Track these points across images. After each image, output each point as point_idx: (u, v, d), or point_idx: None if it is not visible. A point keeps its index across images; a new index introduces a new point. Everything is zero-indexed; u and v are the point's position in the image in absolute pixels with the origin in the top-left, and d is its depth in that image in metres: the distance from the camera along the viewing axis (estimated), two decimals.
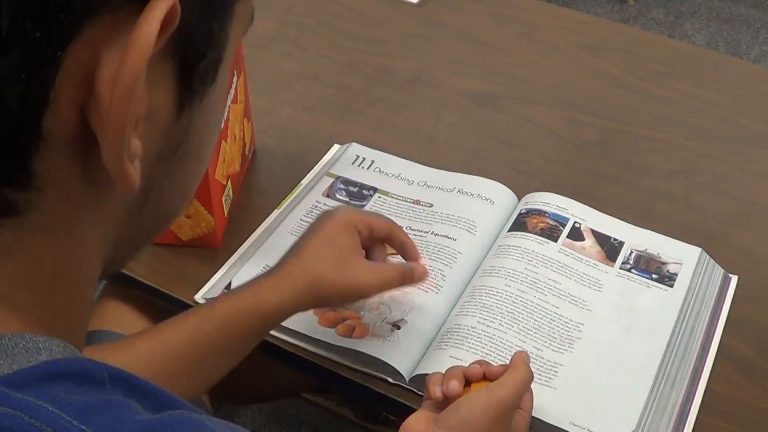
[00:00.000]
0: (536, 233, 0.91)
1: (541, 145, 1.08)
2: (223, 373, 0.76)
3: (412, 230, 0.93)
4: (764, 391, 0.80)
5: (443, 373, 0.73)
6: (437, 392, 0.71)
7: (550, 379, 0.79)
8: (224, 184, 0.92)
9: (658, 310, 0.86)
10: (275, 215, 0.96)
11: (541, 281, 0.87)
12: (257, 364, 0.79)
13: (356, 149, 1.04)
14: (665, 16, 2.79)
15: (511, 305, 0.84)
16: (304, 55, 1.23)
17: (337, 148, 1.05)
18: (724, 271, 0.90)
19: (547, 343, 0.82)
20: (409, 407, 0.78)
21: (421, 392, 0.78)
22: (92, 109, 0.33)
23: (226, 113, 0.89)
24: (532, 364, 0.75)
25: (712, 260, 0.91)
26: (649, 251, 0.92)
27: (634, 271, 0.90)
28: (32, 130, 0.32)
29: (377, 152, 1.04)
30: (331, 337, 0.81)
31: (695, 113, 1.13)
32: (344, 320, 0.83)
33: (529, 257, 0.89)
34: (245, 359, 0.76)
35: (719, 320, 0.86)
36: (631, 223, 0.95)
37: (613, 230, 0.94)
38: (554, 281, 0.87)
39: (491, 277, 0.87)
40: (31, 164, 0.33)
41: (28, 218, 0.34)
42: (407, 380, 0.79)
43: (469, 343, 0.80)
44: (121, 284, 0.92)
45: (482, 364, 0.74)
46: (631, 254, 0.91)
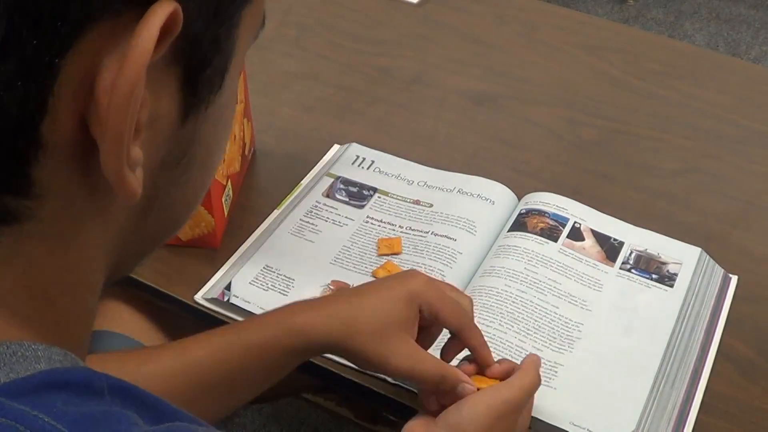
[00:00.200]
0: (536, 233, 0.91)
1: (541, 145, 1.08)
2: (247, 398, 0.73)
3: (412, 230, 0.93)
4: (764, 391, 0.80)
5: None
6: (433, 406, 0.70)
7: (550, 379, 0.79)
8: (224, 184, 0.91)
9: (658, 310, 0.86)
10: (275, 215, 0.96)
11: (541, 281, 0.87)
12: None
13: (356, 149, 1.04)
14: (665, 16, 2.79)
15: (511, 305, 0.84)
16: (304, 55, 1.23)
17: (337, 148, 1.05)
18: (724, 271, 0.90)
19: (547, 343, 0.82)
20: (409, 407, 0.78)
21: None
22: (92, 116, 0.32)
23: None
24: None
25: (712, 260, 0.91)
26: (649, 251, 0.92)
27: (634, 271, 0.90)
28: (31, 138, 0.31)
29: (377, 152, 1.04)
30: None
31: (695, 113, 1.13)
32: None
33: (529, 257, 0.89)
34: None
35: (719, 320, 0.86)
36: (631, 223, 0.95)
37: (613, 230, 0.94)
38: (554, 281, 0.87)
39: (491, 277, 0.87)
40: (30, 172, 0.32)
41: (28, 226, 0.34)
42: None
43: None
44: (121, 284, 0.92)
45: (472, 360, 0.73)
46: (631, 254, 0.91)
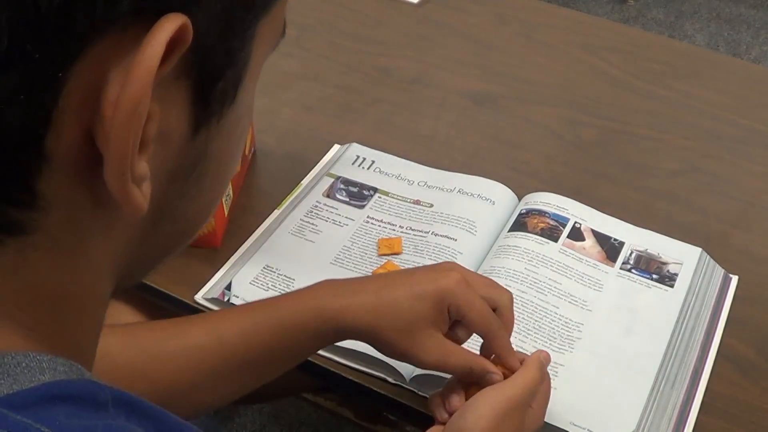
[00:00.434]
0: (536, 233, 0.91)
1: (541, 145, 1.08)
2: (274, 376, 0.72)
3: (412, 230, 0.93)
4: (764, 391, 0.80)
5: (441, 391, 0.71)
6: (443, 416, 0.69)
7: (550, 379, 0.79)
8: None
9: (658, 310, 0.86)
10: (275, 215, 0.96)
11: (541, 281, 0.87)
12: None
13: (356, 149, 1.04)
14: (665, 16, 2.79)
15: None
16: (304, 55, 1.23)
17: (337, 148, 1.05)
18: (724, 271, 0.90)
19: (547, 343, 0.82)
20: (409, 407, 0.78)
21: (421, 392, 0.79)
22: (98, 129, 0.32)
23: None
24: None
25: (712, 260, 0.91)
26: (649, 251, 0.92)
27: (634, 271, 0.90)
28: (35, 150, 0.31)
29: (377, 152, 1.04)
30: None
31: (695, 113, 1.13)
32: None
33: (529, 257, 0.89)
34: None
35: (719, 320, 0.86)
36: (631, 223, 0.95)
37: (613, 230, 0.94)
38: (554, 281, 0.87)
39: (492, 277, 0.86)
40: (35, 184, 0.32)
41: (33, 237, 0.33)
42: (407, 380, 0.79)
43: (469, 343, 0.80)
44: None
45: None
46: (631, 254, 0.91)
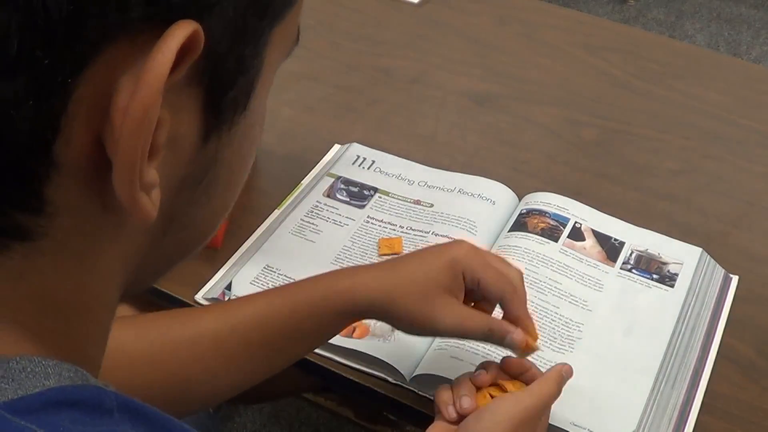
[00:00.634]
0: (537, 233, 0.91)
1: (541, 145, 1.08)
2: (291, 360, 0.73)
3: (412, 230, 0.93)
4: (764, 391, 0.80)
5: (450, 387, 0.71)
6: (451, 413, 0.69)
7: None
8: None
9: (658, 310, 0.86)
10: (275, 215, 0.96)
11: (541, 281, 0.87)
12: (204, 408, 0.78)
13: (357, 149, 1.04)
14: (666, 16, 2.79)
15: None
16: (304, 55, 1.23)
17: (337, 148, 1.05)
18: (724, 271, 0.90)
19: (547, 343, 0.82)
20: (409, 407, 0.78)
21: (421, 392, 0.79)
22: (108, 136, 0.31)
23: None
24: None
25: (712, 260, 0.91)
26: (649, 251, 0.92)
27: (634, 271, 0.90)
28: (44, 156, 0.31)
29: (378, 152, 1.04)
30: None
31: (695, 113, 1.13)
32: None
33: (529, 257, 0.89)
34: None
35: (720, 320, 0.86)
36: (631, 223, 0.95)
37: (613, 230, 0.94)
38: (555, 281, 0.87)
39: None
40: (43, 190, 0.31)
41: (40, 243, 0.33)
42: (408, 380, 0.79)
43: (469, 343, 0.80)
44: None
45: (488, 367, 0.72)
46: (631, 254, 0.91)
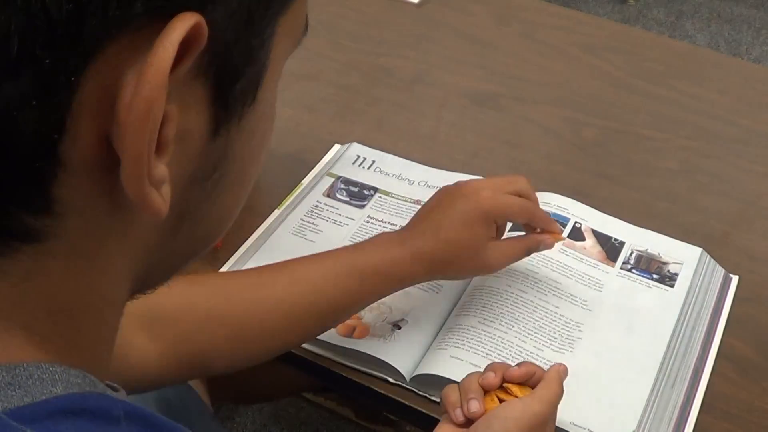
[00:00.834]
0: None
1: (541, 145, 1.08)
2: (339, 323, 0.80)
3: None
4: (764, 391, 0.80)
5: (457, 388, 0.70)
6: (459, 416, 0.68)
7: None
8: None
9: (658, 310, 0.86)
10: (276, 215, 0.96)
11: (541, 281, 0.87)
12: (258, 363, 0.79)
13: (357, 149, 1.04)
14: (666, 16, 2.79)
15: (511, 305, 0.84)
16: (304, 55, 1.22)
17: (337, 148, 1.05)
18: (724, 271, 0.90)
19: (547, 343, 0.82)
20: (409, 407, 0.78)
21: (421, 392, 0.79)
22: (114, 133, 0.31)
23: None
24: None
25: (712, 260, 0.91)
26: (649, 251, 0.92)
27: (634, 271, 0.90)
28: (50, 156, 0.30)
29: (378, 152, 1.04)
30: (331, 336, 0.81)
31: (695, 113, 1.13)
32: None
33: (529, 257, 0.89)
34: None
35: (720, 320, 0.86)
36: (631, 223, 0.95)
37: (613, 230, 0.94)
38: (555, 281, 0.87)
39: (492, 277, 0.86)
40: (50, 190, 0.31)
41: (48, 244, 0.32)
42: (408, 380, 0.79)
43: (469, 342, 0.80)
44: None
45: (496, 370, 0.71)
46: (631, 254, 0.91)
